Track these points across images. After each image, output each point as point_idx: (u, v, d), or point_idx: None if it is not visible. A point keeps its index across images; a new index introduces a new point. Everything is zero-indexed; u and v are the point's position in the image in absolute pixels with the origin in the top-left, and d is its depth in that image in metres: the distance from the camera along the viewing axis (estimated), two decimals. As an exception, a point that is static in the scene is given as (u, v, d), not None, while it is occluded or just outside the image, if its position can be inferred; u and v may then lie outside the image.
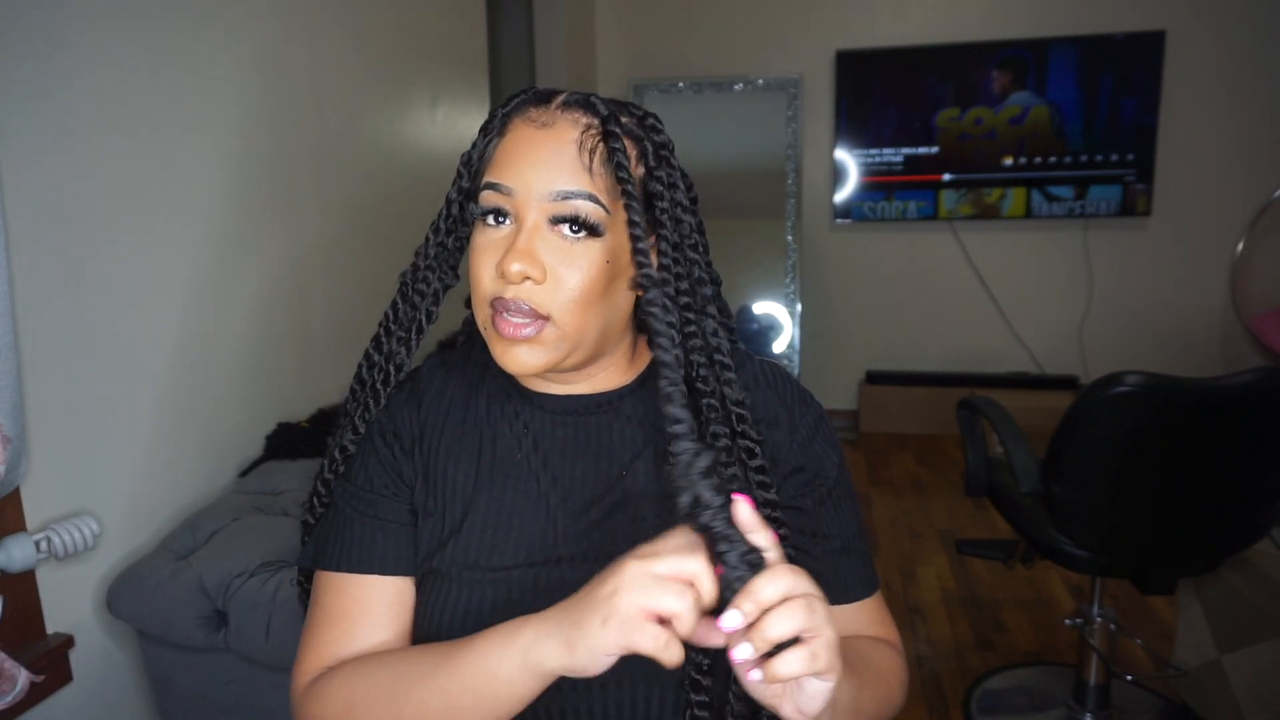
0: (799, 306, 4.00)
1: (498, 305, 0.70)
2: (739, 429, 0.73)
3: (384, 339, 0.79)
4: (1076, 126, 3.81)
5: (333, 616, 0.75)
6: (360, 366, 0.81)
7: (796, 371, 3.99)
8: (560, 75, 3.68)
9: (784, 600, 0.56)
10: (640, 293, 0.73)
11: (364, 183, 2.21)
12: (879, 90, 3.96)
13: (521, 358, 0.70)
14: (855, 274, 4.17)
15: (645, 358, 0.81)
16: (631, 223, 0.68)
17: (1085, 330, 3.99)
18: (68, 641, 1.28)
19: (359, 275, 2.12)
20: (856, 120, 4.00)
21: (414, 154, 2.46)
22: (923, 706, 2.05)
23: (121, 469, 1.41)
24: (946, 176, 3.95)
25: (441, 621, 0.73)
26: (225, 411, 1.68)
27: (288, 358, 1.87)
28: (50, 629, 1.28)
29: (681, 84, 4.05)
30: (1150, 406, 1.55)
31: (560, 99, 0.72)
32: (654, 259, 0.73)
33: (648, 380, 0.79)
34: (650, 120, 0.75)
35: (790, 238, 3.98)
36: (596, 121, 0.70)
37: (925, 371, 4.13)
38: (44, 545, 1.21)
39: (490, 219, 0.71)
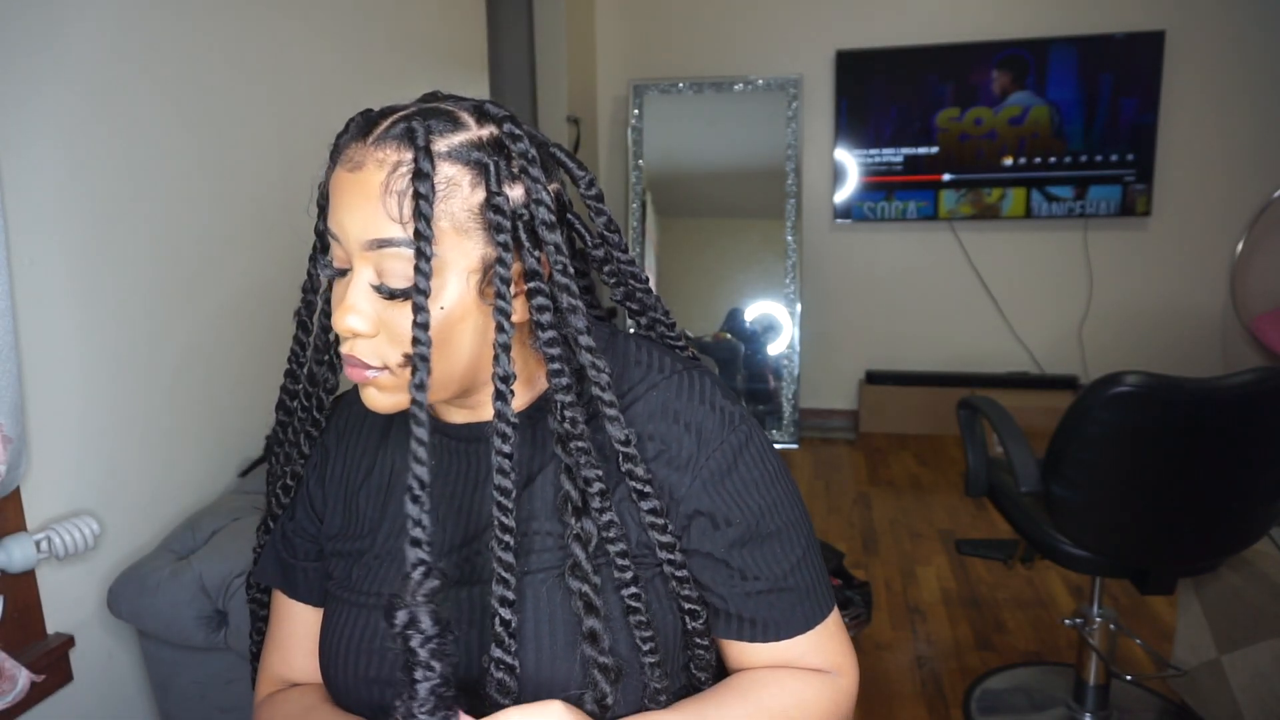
0: (799, 306, 4.00)
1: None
2: (624, 468, 0.69)
3: (297, 368, 0.82)
4: (1076, 126, 3.82)
5: (276, 640, 0.85)
6: (280, 404, 0.84)
7: (796, 371, 3.99)
8: (560, 75, 3.68)
9: None
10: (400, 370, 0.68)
11: (364, 183, 2.20)
12: (879, 90, 3.96)
13: (371, 399, 0.69)
14: (855, 274, 4.17)
15: (543, 377, 0.77)
16: (417, 289, 0.62)
17: (1085, 330, 3.99)
18: (68, 641, 1.28)
19: (359, 275, 2.11)
20: (856, 120, 4.00)
21: (414, 154, 2.46)
22: (923, 706, 2.05)
23: (121, 469, 1.41)
24: (946, 176, 3.96)
25: (337, 645, 0.76)
26: (225, 411, 1.68)
27: (288, 357, 1.87)
28: (51, 629, 1.28)
29: (681, 84, 4.05)
30: (1150, 406, 1.55)
31: (380, 130, 0.66)
32: (518, 284, 0.69)
33: (550, 401, 0.75)
34: (508, 127, 0.67)
35: (790, 238, 3.98)
36: (409, 157, 0.64)
37: (925, 371, 4.13)
38: (44, 545, 1.21)
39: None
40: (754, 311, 4.04)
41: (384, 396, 0.69)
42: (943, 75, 3.89)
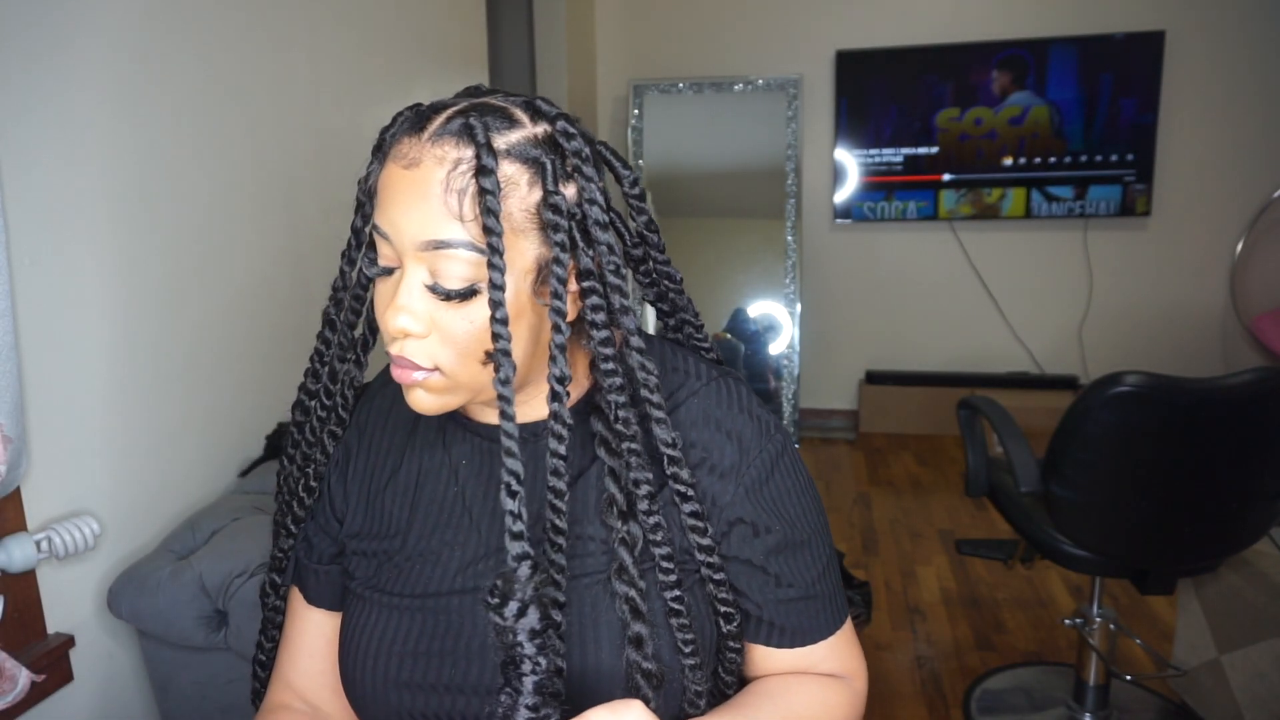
0: (799, 306, 4.00)
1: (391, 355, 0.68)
2: (669, 472, 0.69)
3: (320, 367, 0.79)
4: (1076, 126, 3.82)
5: (288, 639, 0.83)
6: (298, 404, 0.82)
7: (796, 371, 3.99)
8: (560, 75, 3.68)
9: None
10: (488, 363, 0.67)
11: (364, 183, 2.20)
12: (879, 90, 3.96)
13: (417, 401, 0.68)
14: (855, 274, 4.17)
15: (585, 377, 0.76)
16: (492, 284, 0.62)
17: (1085, 330, 3.99)
18: (68, 641, 1.28)
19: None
20: (856, 120, 4.00)
21: (414, 154, 2.46)
22: (923, 706, 2.05)
23: (121, 469, 1.41)
24: (946, 176, 3.96)
25: (364, 645, 0.74)
26: (225, 411, 1.68)
27: (288, 357, 1.87)
28: (51, 629, 1.28)
29: (681, 84, 4.05)
30: (1150, 406, 1.55)
31: (434, 126, 0.64)
32: (573, 282, 0.68)
33: (592, 400, 0.74)
34: (561, 125, 0.66)
35: (790, 238, 3.98)
36: (469, 154, 0.62)
37: (925, 371, 4.13)
38: (44, 545, 1.21)
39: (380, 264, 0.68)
40: (754, 311, 4.04)
41: (432, 398, 0.68)
42: (943, 75, 3.89)
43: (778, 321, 4.03)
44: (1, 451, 1.06)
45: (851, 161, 4.04)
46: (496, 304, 0.62)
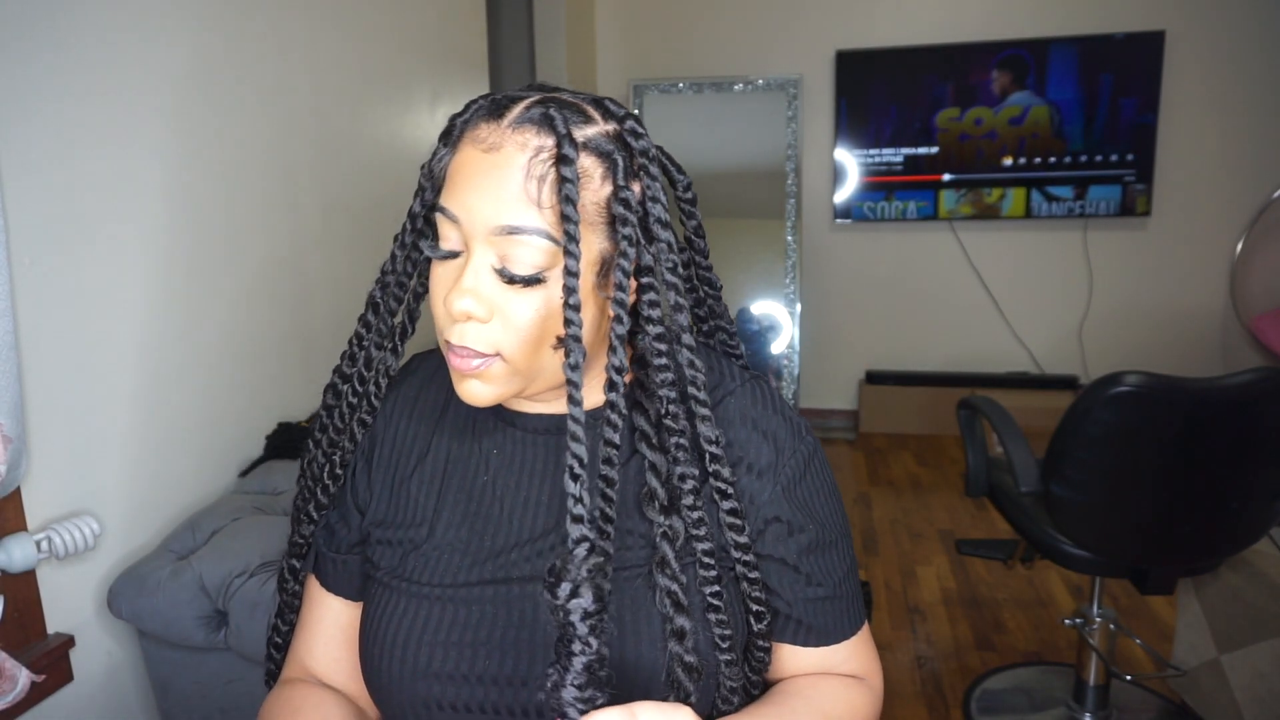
0: (799, 306, 4.00)
1: (447, 341, 0.67)
2: (710, 469, 0.70)
3: (357, 351, 0.78)
4: (1076, 126, 3.82)
5: (305, 624, 0.83)
6: (331, 387, 0.80)
7: (796, 371, 3.99)
8: (560, 75, 3.68)
9: None
10: (559, 346, 0.67)
11: (365, 182, 2.21)
12: (879, 90, 3.96)
13: (473, 391, 0.68)
14: (855, 274, 4.17)
15: (628, 372, 0.78)
16: (568, 270, 0.62)
17: (1085, 330, 3.99)
18: (68, 641, 1.29)
19: (360, 275, 2.12)
20: (856, 120, 4.00)
21: (414, 154, 2.46)
22: (923, 706, 2.05)
23: (121, 469, 1.41)
24: (946, 176, 3.96)
25: (390, 634, 0.72)
26: (226, 411, 1.68)
27: (288, 357, 1.87)
28: (51, 629, 1.28)
29: (681, 84, 4.05)
30: (1150, 406, 1.55)
31: (514, 114, 0.65)
32: (632, 282, 0.69)
33: (633, 395, 0.75)
34: (630, 124, 0.68)
35: (790, 238, 3.98)
36: (550, 143, 0.64)
37: (925, 371, 4.13)
38: (44, 545, 1.21)
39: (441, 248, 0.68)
40: (754, 311, 4.04)
41: (487, 388, 0.67)
42: (943, 75, 3.89)
43: (778, 321, 4.03)
44: (1, 451, 1.06)
45: (851, 161, 4.04)
46: (570, 290, 0.62)
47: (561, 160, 0.62)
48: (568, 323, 0.63)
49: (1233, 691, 1.77)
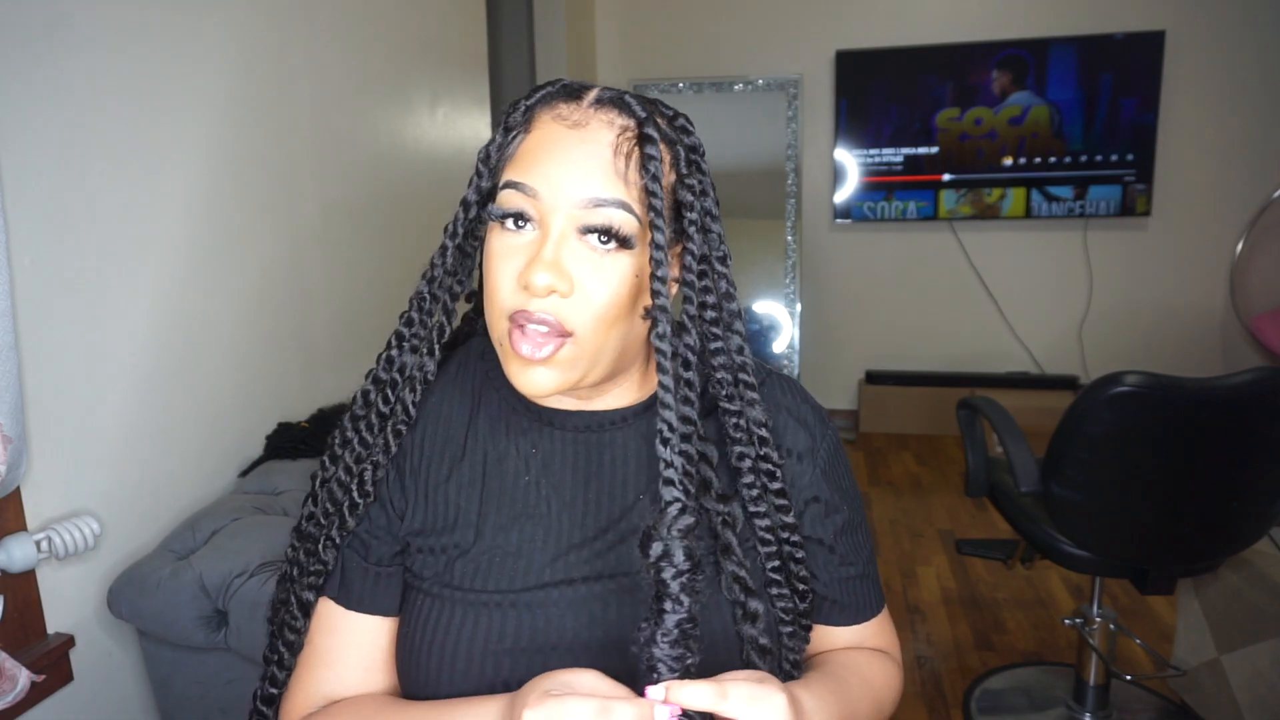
0: (799, 306, 4.00)
1: (518, 318, 0.65)
2: (761, 451, 0.72)
3: (396, 354, 0.73)
4: (1076, 126, 3.82)
5: (322, 655, 0.74)
6: (363, 394, 0.75)
7: (796, 372, 4.00)
8: (560, 75, 3.67)
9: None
10: (648, 321, 0.68)
11: (365, 183, 2.21)
12: (879, 90, 3.96)
13: (539, 380, 0.66)
14: (855, 274, 4.18)
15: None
16: (655, 244, 0.64)
17: (1085, 330, 4.00)
18: (68, 641, 1.29)
19: (360, 275, 2.12)
20: (856, 120, 4.00)
21: (414, 154, 2.46)
22: (923, 706, 2.05)
23: (121, 469, 1.41)
24: (946, 176, 3.96)
25: (444, 645, 0.69)
26: (226, 411, 1.68)
27: (288, 358, 1.87)
28: (51, 629, 1.28)
29: (681, 84, 4.05)
30: (1150, 406, 1.55)
31: (592, 95, 0.67)
32: (677, 271, 0.70)
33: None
34: (681, 121, 0.70)
35: (790, 238, 3.98)
36: (633, 124, 0.66)
37: (925, 371, 4.13)
38: (44, 545, 1.21)
39: (510, 223, 0.65)
40: (755, 311, 4.05)
41: (554, 376, 0.66)
42: (943, 75, 3.89)
43: (778, 321, 4.03)
44: (1, 451, 1.06)
45: (851, 161, 4.04)
46: (658, 263, 0.64)
47: (645, 140, 0.65)
48: (655, 294, 0.64)
49: (1233, 691, 1.78)
